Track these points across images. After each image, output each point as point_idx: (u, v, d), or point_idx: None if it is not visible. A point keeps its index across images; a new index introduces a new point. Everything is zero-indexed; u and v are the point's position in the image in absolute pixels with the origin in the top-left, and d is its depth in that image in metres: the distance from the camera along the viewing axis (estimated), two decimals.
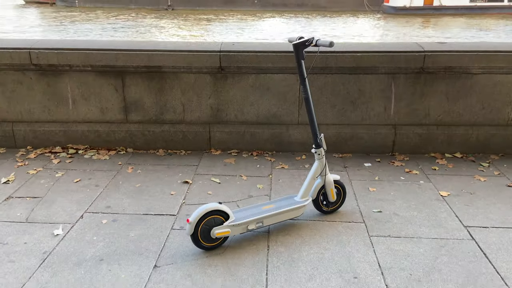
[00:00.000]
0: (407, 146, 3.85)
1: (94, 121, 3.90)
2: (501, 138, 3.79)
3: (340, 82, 3.72)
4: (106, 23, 32.36)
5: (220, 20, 35.27)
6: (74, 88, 3.80)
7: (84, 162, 3.64)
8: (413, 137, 3.82)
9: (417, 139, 3.82)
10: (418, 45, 3.67)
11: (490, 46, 3.65)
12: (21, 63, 3.68)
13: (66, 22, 32.45)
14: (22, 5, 46.47)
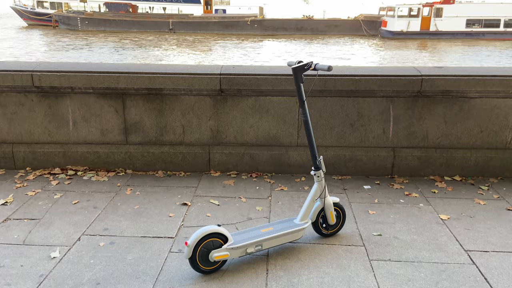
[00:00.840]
0: (406, 169, 3.85)
1: (94, 143, 3.91)
2: (499, 161, 3.80)
3: (339, 105, 3.75)
4: (111, 45, 32.82)
5: (221, 43, 35.79)
6: (75, 110, 3.83)
7: (83, 183, 3.63)
8: (412, 159, 3.83)
9: (416, 162, 3.83)
10: (416, 69, 3.73)
11: (486, 71, 3.70)
12: (24, 85, 3.72)
13: (75, 44, 32.89)
14: (25, 28, 47.23)
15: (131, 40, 35.97)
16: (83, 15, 44.52)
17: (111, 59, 25.99)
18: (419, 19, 37.59)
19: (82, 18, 43.90)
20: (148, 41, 35.87)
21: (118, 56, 27.14)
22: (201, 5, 48.50)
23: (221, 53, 30.04)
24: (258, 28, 43.96)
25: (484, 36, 36.21)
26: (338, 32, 42.59)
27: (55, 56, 26.87)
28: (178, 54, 29.09)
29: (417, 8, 38.80)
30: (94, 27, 43.21)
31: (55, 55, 27.22)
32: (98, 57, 26.46)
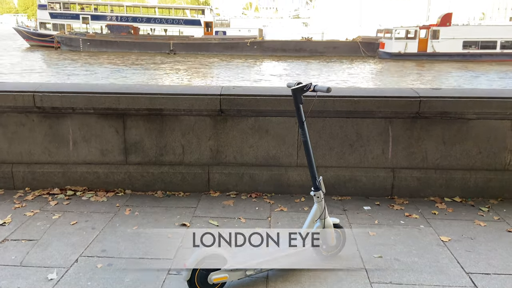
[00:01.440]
0: (406, 190, 3.85)
1: (93, 163, 3.91)
2: (499, 182, 3.80)
3: (338, 125, 3.78)
4: (112, 66, 33.13)
5: (221, 64, 36.18)
6: (75, 130, 3.85)
7: (81, 204, 3.62)
8: (411, 180, 3.83)
9: (415, 183, 3.83)
10: (414, 91, 3.77)
11: (484, 93, 3.74)
12: (25, 106, 3.74)
13: (76, 65, 33.22)
14: (28, 49, 47.78)
15: (132, 61, 36.37)
16: (85, 37, 45.11)
17: (112, 79, 26.22)
18: (416, 41, 38.12)
19: (84, 40, 44.46)
20: (149, 62, 36.27)
21: (119, 76, 27.39)
22: (202, 27, 49.23)
23: (221, 74, 30.34)
24: (257, 49, 44.50)
25: (481, 57, 36.63)
26: (336, 53, 43.08)
27: (56, 76, 27.12)
28: (178, 75, 29.37)
29: (414, 30, 39.40)
30: (96, 48, 43.70)
31: (56, 75, 27.47)
32: (99, 78, 26.71)
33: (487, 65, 34.87)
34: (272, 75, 30.66)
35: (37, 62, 35.75)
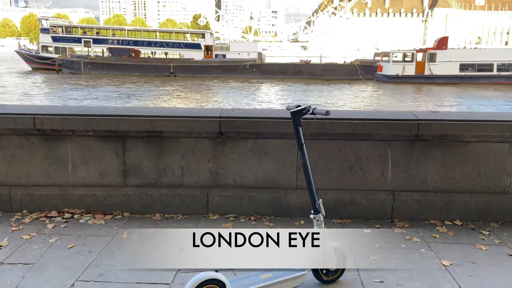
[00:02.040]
0: (406, 213, 3.82)
1: (92, 185, 3.90)
2: (499, 205, 3.78)
3: (337, 148, 3.78)
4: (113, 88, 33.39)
5: (220, 86, 36.51)
6: (75, 152, 3.85)
7: (79, 227, 3.58)
8: (411, 203, 3.81)
9: (416, 206, 3.81)
10: (412, 114, 3.79)
11: (481, 116, 3.77)
12: (25, 128, 3.76)
13: (77, 87, 33.49)
14: (29, 71, 48.23)
15: (132, 83, 36.69)
16: (86, 60, 45.64)
17: (112, 102, 26.39)
18: (413, 64, 38.63)
19: (85, 62, 44.96)
20: (149, 84, 36.59)
21: (119, 98, 27.58)
22: (202, 50, 49.89)
23: (220, 96, 30.57)
24: (257, 72, 44.97)
25: (478, 80, 37.04)
26: (335, 76, 43.51)
27: (57, 99, 27.29)
28: (178, 97, 29.59)
29: (411, 53, 39.99)
30: (97, 71, 44.13)
31: (57, 98, 27.65)
32: (100, 100, 26.88)
33: (484, 87, 35.21)
34: (271, 97, 30.90)
35: (38, 85, 36.04)
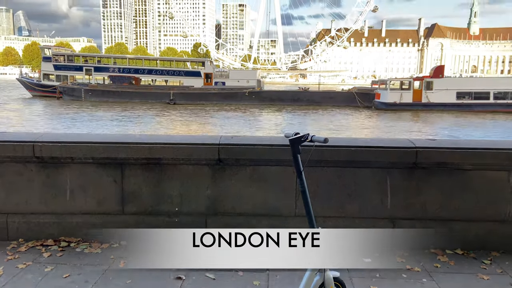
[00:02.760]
0: (406, 241, 3.77)
1: (90, 213, 3.86)
2: (500, 234, 3.75)
3: (336, 175, 3.78)
4: (113, 115, 33.57)
5: (220, 113, 36.76)
6: (73, 179, 3.84)
7: (75, 255, 3.53)
8: (411, 231, 3.77)
9: (415, 234, 3.76)
10: (410, 141, 3.82)
11: (480, 144, 3.79)
12: (24, 156, 3.76)
13: (77, 114, 33.68)
14: (30, 98, 48.63)
15: (132, 110, 36.95)
16: (87, 87, 46.12)
17: (111, 128, 26.49)
18: (410, 92, 39.09)
19: (86, 90, 45.43)
20: (149, 111, 36.85)
21: (118, 125, 27.71)
22: (202, 78, 50.56)
23: (219, 123, 30.75)
24: (256, 99, 45.40)
25: (474, 107, 37.39)
26: (333, 103, 43.92)
27: (57, 125, 27.41)
28: (177, 124, 29.75)
29: (408, 81, 40.56)
30: (98, 98, 44.52)
31: (57, 124, 27.78)
32: (99, 127, 27.00)
33: (481, 115, 35.49)
34: (270, 124, 31.08)
35: (39, 111, 36.27)
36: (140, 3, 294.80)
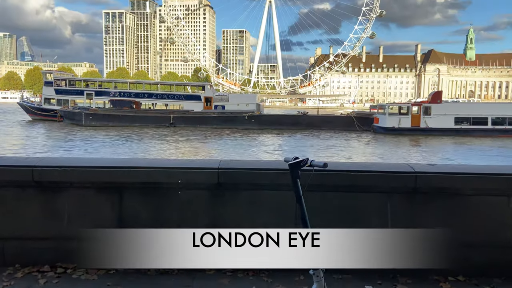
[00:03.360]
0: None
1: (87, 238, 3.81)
2: (502, 260, 3.69)
3: (336, 200, 3.76)
4: (112, 139, 33.63)
5: (219, 137, 36.86)
6: (71, 204, 3.81)
7: (71, 282, 3.46)
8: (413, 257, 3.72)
9: (417, 260, 3.72)
10: (409, 166, 3.82)
11: (479, 169, 3.80)
12: (23, 180, 3.74)
13: (77, 138, 33.74)
14: (30, 122, 48.84)
15: (132, 134, 37.04)
16: (87, 111, 46.37)
17: (111, 152, 26.48)
18: (409, 117, 39.37)
19: (87, 114, 45.66)
20: (148, 135, 36.95)
21: (118, 149, 27.71)
22: (202, 102, 50.96)
23: (219, 147, 30.78)
24: (255, 123, 45.62)
25: (473, 133, 37.53)
26: (332, 127, 44.07)
27: (56, 149, 27.41)
28: (177, 148, 29.77)
29: (406, 106, 40.93)
30: (98, 122, 44.68)
31: (56, 149, 27.77)
32: (98, 151, 27.00)
33: (479, 140, 35.58)
34: (270, 148, 31.11)
35: (39, 136, 36.34)
36: (142, 29, 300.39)
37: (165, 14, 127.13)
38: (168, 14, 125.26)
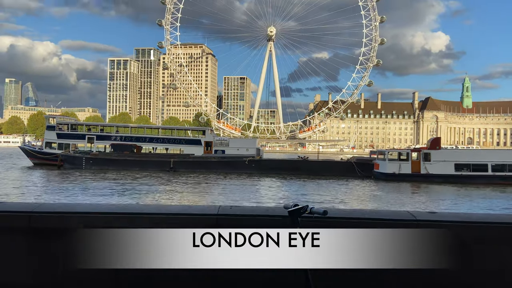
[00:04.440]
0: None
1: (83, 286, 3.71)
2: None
3: None
4: (111, 185, 33.48)
5: (219, 181, 36.68)
6: (68, 251, 3.73)
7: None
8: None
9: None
10: (411, 214, 3.77)
11: (481, 217, 3.75)
12: (19, 227, 3.69)
13: (75, 184, 33.59)
14: (31, 167, 48.82)
15: (131, 179, 36.91)
16: (88, 155, 46.54)
17: (110, 198, 26.28)
18: (409, 163, 39.37)
19: (87, 158, 45.80)
20: (148, 180, 36.79)
21: (117, 195, 27.50)
22: (202, 146, 51.27)
23: (218, 192, 30.56)
24: (255, 168, 45.54)
25: (473, 179, 37.29)
26: (332, 173, 43.84)
27: (54, 195, 27.20)
28: (176, 192, 29.55)
29: (406, 152, 41.08)
30: (98, 166, 44.69)
31: (54, 194, 27.56)
32: (97, 196, 26.79)
33: (480, 187, 35.30)
34: (270, 193, 30.88)
35: (38, 181, 36.21)
36: (145, 76, 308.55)
37: (169, 62, 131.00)
38: (172, 61, 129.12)
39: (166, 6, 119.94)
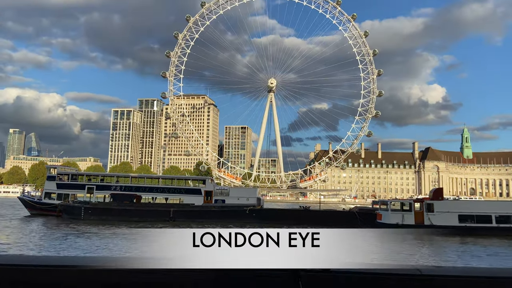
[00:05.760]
0: None
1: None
2: None
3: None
4: (108, 236, 32.92)
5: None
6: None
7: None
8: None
9: None
10: (416, 268, 3.68)
11: (487, 272, 3.65)
12: (12, 280, 3.59)
13: (71, 235, 33.01)
14: (28, 217, 48.12)
15: (129, 230, 36.27)
16: (87, 205, 45.99)
17: (107, 251, 25.71)
18: (412, 213, 38.78)
19: (86, 208, 45.25)
20: (147, 231, 36.08)
21: (114, 246, 26.92)
22: (202, 196, 50.81)
23: None
24: (256, 217, 44.82)
25: (478, 231, 36.51)
26: (334, 223, 43.13)
27: (51, 247, 26.63)
28: None
29: (408, 203, 40.59)
30: (97, 216, 44.03)
31: (49, 246, 26.98)
32: (93, 248, 26.23)
33: (485, 239, 34.47)
34: None
35: (34, 232, 35.53)
36: (148, 125, 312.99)
37: (171, 112, 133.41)
38: (174, 111, 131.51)
39: (171, 59, 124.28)
